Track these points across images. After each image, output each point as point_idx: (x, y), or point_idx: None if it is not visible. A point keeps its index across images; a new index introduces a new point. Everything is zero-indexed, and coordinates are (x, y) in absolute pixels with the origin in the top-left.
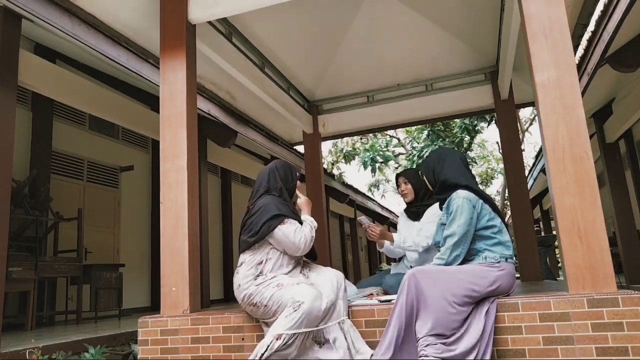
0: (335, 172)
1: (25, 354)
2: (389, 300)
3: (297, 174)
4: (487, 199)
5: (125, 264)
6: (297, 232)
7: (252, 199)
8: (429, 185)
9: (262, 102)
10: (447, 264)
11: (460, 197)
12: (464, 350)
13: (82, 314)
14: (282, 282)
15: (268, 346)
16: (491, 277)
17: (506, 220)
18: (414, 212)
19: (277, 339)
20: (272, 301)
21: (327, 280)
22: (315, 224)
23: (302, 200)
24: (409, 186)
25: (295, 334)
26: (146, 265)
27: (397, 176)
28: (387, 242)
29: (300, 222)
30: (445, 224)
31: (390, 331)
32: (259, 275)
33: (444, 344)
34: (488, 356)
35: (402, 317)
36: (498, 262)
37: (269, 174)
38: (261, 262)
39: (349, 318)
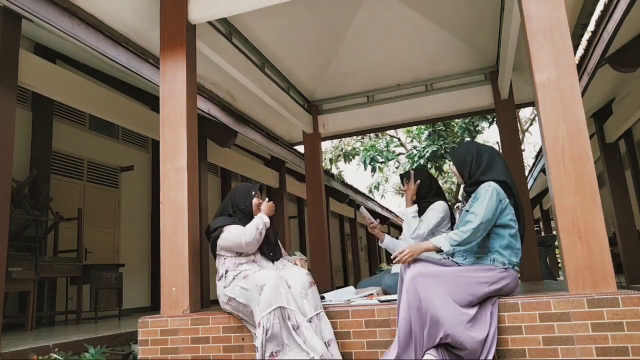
0: (335, 171)
1: (26, 354)
2: (389, 301)
3: (253, 192)
4: (516, 205)
5: (125, 264)
6: (237, 232)
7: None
8: (458, 176)
9: (262, 102)
10: (459, 244)
11: (491, 187)
12: (470, 351)
13: (82, 314)
14: (247, 274)
15: (260, 338)
16: (493, 279)
17: None
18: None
19: (259, 327)
20: (242, 293)
21: (297, 279)
22: (264, 219)
23: (263, 205)
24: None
25: (270, 311)
26: (146, 265)
27: (402, 176)
28: (387, 238)
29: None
30: (469, 211)
31: (397, 333)
32: (224, 280)
33: (451, 346)
34: (490, 356)
35: (407, 321)
36: (505, 268)
37: (225, 200)
38: (224, 271)
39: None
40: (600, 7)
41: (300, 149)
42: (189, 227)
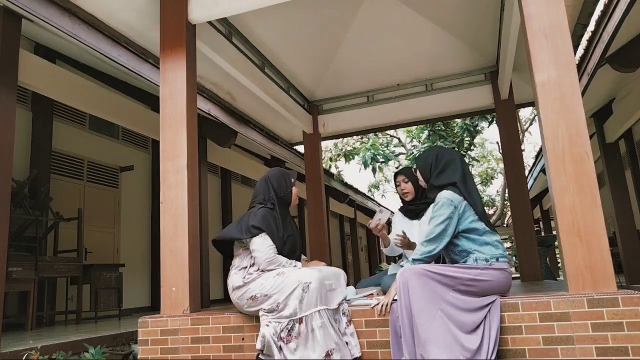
0: (334, 170)
1: (24, 356)
2: None
3: (292, 179)
4: (474, 203)
5: (125, 264)
6: (263, 248)
7: (248, 209)
8: (422, 181)
9: (262, 102)
10: (423, 257)
11: (442, 197)
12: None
13: (82, 314)
14: (282, 271)
15: (301, 334)
16: (483, 276)
17: (506, 220)
18: (412, 210)
19: (299, 323)
20: (274, 289)
21: (333, 272)
22: (288, 267)
23: (315, 263)
24: (409, 184)
25: (319, 310)
26: (146, 265)
27: (396, 175)
28: (392, 243)
29: (282, 238)
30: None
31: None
32: (248, 274)
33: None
34: (493, 356)
35: (407, 332)
36: (489, 262)
37: (263, 185)
38: (246, 267)
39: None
40: (600, 7)
41: (300, 149)
42: (189, 227)
